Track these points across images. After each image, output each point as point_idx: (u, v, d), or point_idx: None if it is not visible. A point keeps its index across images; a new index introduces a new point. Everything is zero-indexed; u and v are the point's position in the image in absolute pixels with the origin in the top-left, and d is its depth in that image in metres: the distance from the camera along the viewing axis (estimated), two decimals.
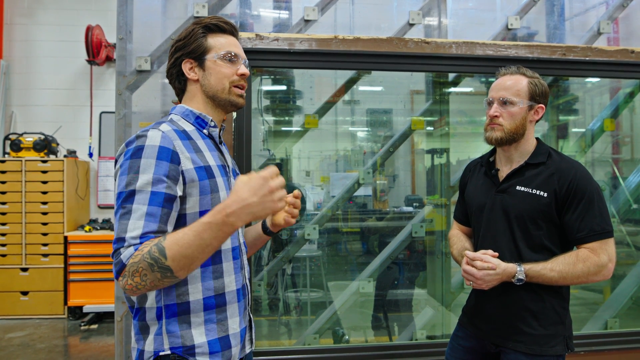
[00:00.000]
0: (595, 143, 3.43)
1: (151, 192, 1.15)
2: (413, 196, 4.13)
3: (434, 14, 2.69)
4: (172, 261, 1.08)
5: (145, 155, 1.17)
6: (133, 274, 1.09)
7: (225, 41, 1.36)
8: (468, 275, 1.55)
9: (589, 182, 1.55)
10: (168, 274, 1.10)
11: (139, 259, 1.08)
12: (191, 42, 1.34)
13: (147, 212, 1.13)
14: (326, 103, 3.25)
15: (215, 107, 1.38)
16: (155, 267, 1.08)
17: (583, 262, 1.50)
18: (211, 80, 1.35)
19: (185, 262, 1.09)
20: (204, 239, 1.08)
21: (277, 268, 3.19)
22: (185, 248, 1.08)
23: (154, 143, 1.19)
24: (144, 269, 1.08)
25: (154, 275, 1.09)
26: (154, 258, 1.08)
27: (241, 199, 1.08)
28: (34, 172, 5.12)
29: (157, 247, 1.09)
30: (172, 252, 1.08)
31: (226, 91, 1.35)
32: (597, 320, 2.81)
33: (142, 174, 1.15)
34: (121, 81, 2.36)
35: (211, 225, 1.08)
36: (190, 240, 1.08)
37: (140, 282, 1.09)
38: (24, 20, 5.72)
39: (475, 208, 1.72)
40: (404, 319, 3.52)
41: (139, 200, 1.14)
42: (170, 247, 1.08)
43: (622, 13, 2.95)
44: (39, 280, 5.06)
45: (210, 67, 1.34)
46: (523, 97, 1.60)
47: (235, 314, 1.32)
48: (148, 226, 1.13)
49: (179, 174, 1.20)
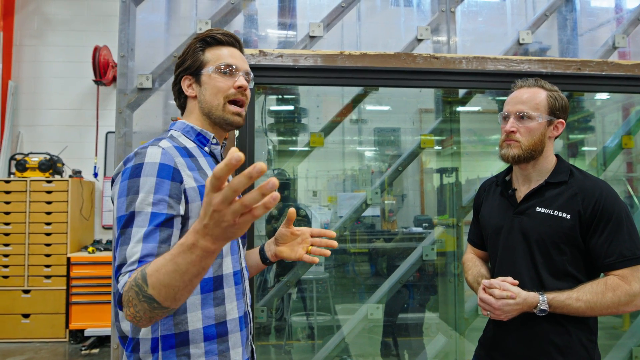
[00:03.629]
0: (611, 161, 3.32)
1: (151, 213, 1.06)
2: (422, 216, 4.03)
3: (443, 30, 2.62)
4: (153, 289, 0.93)
5: (144, 174, 1.09)
6: (128, 304, 0.97)
7: (221, 53, 1.28)
8: (485, 305, 1.42)
9: (616, 202, 1.43)
10: (155, 305, 0.94)
11: (128, 286, 0.97)
12: (188, 57, 1.28)
13: (144, 234, 1.04)
14: (332, 122, 3.18)
15: (212, 124, 1.30)
16: (141, 297, 0.94)
17: (613, 291, 1.37)
18: (206, 96, 1.27)
19: (167, 291, 0.93)
20: (179, 264, 0.90)
21: (283, 292, 3.08)
22: (162, 274, 0.92)
23: (154, 160, 1.10)
24: (133, 298, 0.95)
25: (142, 306, 0.94)
26: (139, 286, 0.94)
27: (200, 218, 0.86)
28: (39, 193, 5.07)
29: (142, 273, 0.95)
30: (152, 279, 0.93)
31: (220, 107, 1.26)
32: (620, 349, 2.65)
33: (141, 194, 1.07)
34: (122, 99, 2.31)
35: (183, 247, 0.89)
36: (165, 265, 0.91)
37: (135, 313, 0.96)
38: (33, 41, 5.76)
39: (492, 231, 1.60)
40: (415, 345, 3.38)
41: (139, 222, 1.05)
42: (151, 273, 0.93)
43: (635, 28, 2.87)
44: (40, 303, 4.97)
45: (205, 82, 1.27)
46: (542, 112, 1.50)
47: (237, 344, 1.21)
48: (146, 249, 1.02)
49: (181, 193, 1.11)
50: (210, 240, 0.86)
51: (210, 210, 0.81)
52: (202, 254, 0.88)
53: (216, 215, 0.82)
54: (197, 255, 0.88)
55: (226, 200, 0.79)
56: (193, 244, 0.88)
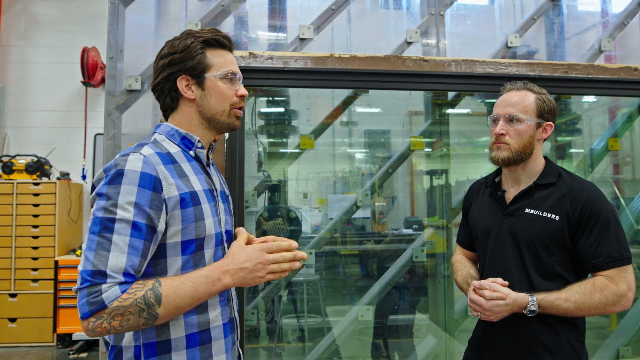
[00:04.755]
0: (598, 163, 3.36)
1: (133, 222, 1.04)
2: (412, 218, 4.04)
3: (432, 33, 2.64)
4: (164, 309, 1.04)
5: (125, 182, 1.06)
6: (114, 317, 0.99)
7: (224, 59, 1.25)
8: (475, 306, 1.43)
9: (603, 204, 1.44)
10: (151, 322, 1.04)
11: (130, 302, 0.99)
12: (189, 57, 1.21)
13: (129, 244, 1.03)
14: (323, 124, 3.18)
15: (209, 128, 1.27)
16: (145, 313, 1.01)
17: (600, 291, 1.39)
18: (211, 102, 1.23)
19: (175, 312, 1.06)
20: (199, 292, 1.07)
21: (273, 294, 3.07)
22: (181, 298, 1.05)
23: (135, 168, 1.08)
24: (132, 313, 1.00)
25: (137, 321, 1.02)
26: (148, 304, 1.01)
27: (238, 261, 1.11)
28: (26, 195, 5.00)
29: (154, 292, 1.02)
30: (167, 300, 1.04)
31: (226, 113, 1.25)
32: (607, 349, 2.69)
33: (122, 201, 1.05)
34: (110, 101, 2.29)
35: (207, 279, 1.08)
36: (186, 292, 1.06)
37: (117, 327, 1.00)
38: (20, 42, 5.69)
39: (481, 232, 1.61)
40: (405, 346, 3.39)
41: (120, 230, 1.03)
42: (168, 295, 1.04)
43: (621, 32, 2.92)
44: (27, 307, 4.89)
45: (210, 87, 1.23)
46: (531, 114, 1.51)
47: (221, 351, 1.20)
48: (131, 260, 1.02)
49: (161, 204, 1.09)
50: (234, 281, 1.11)
51: (258, 261, 1.11)
52: (221, 289, 1.10)
53: (259, 266, 1.11)
54: (217, 289, 1.10)
55: (275, 262, 1.12)
56: (218, 279, 1.09)
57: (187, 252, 1.14)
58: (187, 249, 1.14)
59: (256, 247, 1.13)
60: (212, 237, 1.19)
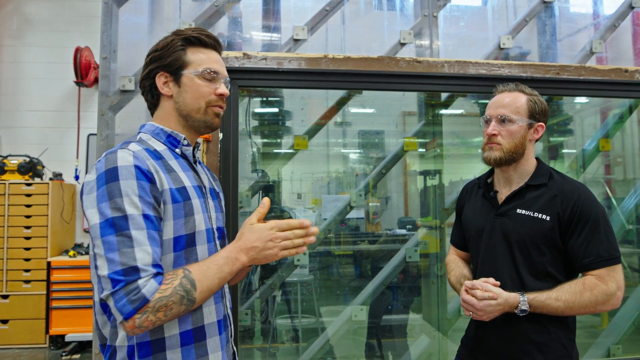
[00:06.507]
0: (590, 163, 3.39)
1: (144, 215, 1.05)
2: (406, 218, 4.05)
3: (425, 34, 2.65)
4: (200, 293, 1.08)
5: (122, 177, 1.05)
6: (159, 309, 1.01)
7: (205, 57, 1.25)
8: (467, 305, 1.44)
9: (594, 205, 1.46)
10: (190, 307, 1.08)
11: (171, 292, 1.03)
12: (168, 54, 1.22)
13: (148, 236, 1.04)
14: (317, 124, 3.19)
15: (188, 126, 1.26)
16: (185, 300, 1.05)
17: (590, 290, 1.41)
18: (186, 99, 1.23)
19: (207, 295, 1.11)
20: (224, 272, 1.12)
21: (267, 294, 3.07)
22: (210, 280, 1.10)
23: (128, 163, 1.07)
24: (174, 302, 1.03)
25: (179, 309, 1.05)
26: (187, 290, 1.05)
27: (249, 240, 1.14)
28: (18, 196, 4.97)
29: (188, 279, 1.06)
30: (201, 284, 1.08)
31: (201, 111, 1.24)
32: (599, 347, 2.71)
33: (126, 197, 1.04)
34: (104, 101, 2.28)
35: (228, 259, 1.12)
36: (214, 273, 1.10)
37: (162, 317, 1.03)
38: (13, 41, 5.65)
39: (474, 232, 1.63)
40: (399, 346, 3.40)
41: (135, 225, 1.03)
42: (200, 279, 1.08)
43: (612, 34, 2.94)
44: (19, 308, 4.86)
45: (186, 84, 1.23)
46: (522, 115, 1.53)
47: (216, 348, 1.20)
48: (155, 251, 1.04)
49: (159, 195, 1.10)
50: (248, 259, 1.14)
51: (267, 239, 1.13)
52: (240, 266, 1.14)
53: (270, 244, 1.13)
54: (237, 267, 1.14)
55: (286, 239, 1.15)
56: (236, 258, 1.13)
57: (177, 248, 1.14)
58: (177, 244, 1.14)
59: (266, 226, 1.15)
60: (202, 233, 1.19)
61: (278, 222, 1.15)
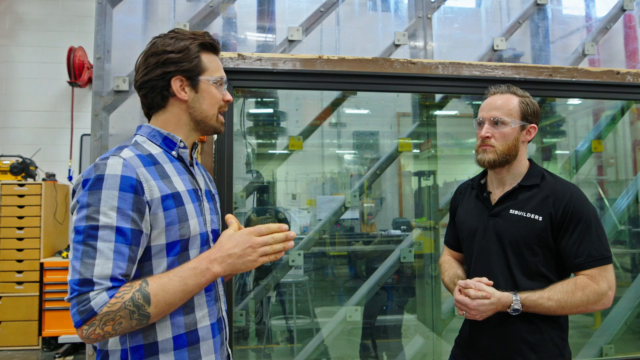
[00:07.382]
0: (582, 164, 3.42)
1: (117, 228, 1.03)
2: (401, 219, 4.06)
3: (420, 35, 2.66)
4: (155, 308, 1.04)
5: (106, 187, 1.05)
6: (106, 322, 0.99)
7: (217, 64, 1.28)
8: (461, 305, 1.45)
9: (585, 205, 1.48)
10: (144, 322, 1.04)
11: (119, 307, 1.00)
12: (188, 58, 1.21)
13: (115, 250, 1.02)
14: (311, 125, 3.19)
15: (196, 130, 1.28)
16: (136, 315, 1.02)
17: (582, 290, 1.42)
18: (203, 105, 1.24)
19: (166, 309, 1.06)
20: (188, 285, 1.08)
21: (262, 295, 3.07)
22: (170, 294, 1.05)
23: (115, 172, 1.07)
24: (123, 317, 1.01)
25: (130, 323, 1.02)
26: (137, 305, 1.02)
27: (224, 248, 1.11)
28: (10, 197, 4.93)
29: (142, 293, 1.03)
30: (157, 299, 1.04)
31: (215, 117, 1.27)
32: (591, 347, 2.73)
33: (104, 207, 1.04)
34: (98, 102, 2.28)
35: (195, 271, 1.08)
36: (175, 287, 1.06)
37: (110, 331, 1.01)
38: (5, 41, 5.61)
39: (467, 233, 1.64)
40: (393, 346, 3.41)
41: (104, 237, 1.02)
42: (156, 293, 1.04)
43: (604, 36, 2.97)
44: (12, 309, 4.82)
45: (204, 90, 1.24)
46: (515, 117, 1.55)
47: (210, 352, 1.20)
48: (118, 266, 1.02)
49: (144, 207, 1.09)
50: (223, 268, 1.10)
51: (246, 245, 1.11)
52: (211, 278, 1.10)
53: (249, 250, 1.11)
54: (207, 279, 1.10)
55: (265, 244, 1.12)
56: (207, 269, 1.09)
57: (172, 253, 1.14)
58: (171, 250, 1.14)
59: (244, 232, 1.14)
60: (197, 237, 1.19)
61: (256, 227, 1.14)
